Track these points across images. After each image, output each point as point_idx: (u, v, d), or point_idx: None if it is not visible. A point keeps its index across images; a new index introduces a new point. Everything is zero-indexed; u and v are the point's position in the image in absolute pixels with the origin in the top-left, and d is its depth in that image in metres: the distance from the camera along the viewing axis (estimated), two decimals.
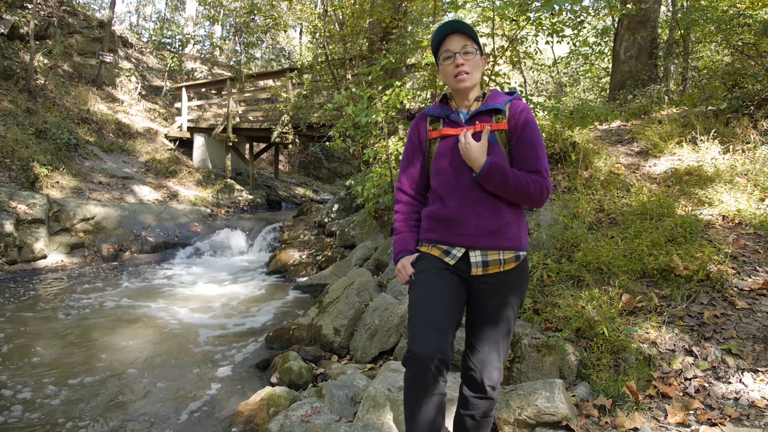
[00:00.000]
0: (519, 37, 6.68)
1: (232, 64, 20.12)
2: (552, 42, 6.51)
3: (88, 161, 10.57)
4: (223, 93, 14.50)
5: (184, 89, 13.77)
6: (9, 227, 6.96)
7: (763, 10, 7.14)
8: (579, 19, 7.04)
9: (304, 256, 7.52)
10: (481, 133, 1.73)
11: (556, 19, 5.50)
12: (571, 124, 4.86)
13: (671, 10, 10.87)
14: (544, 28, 5.52)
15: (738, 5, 7.05)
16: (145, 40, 19.88)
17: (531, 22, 5.24)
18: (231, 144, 12.64)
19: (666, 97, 7.71)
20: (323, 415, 2.64)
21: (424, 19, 8.75)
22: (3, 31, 11.84)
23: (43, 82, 11.80)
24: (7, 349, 4.24)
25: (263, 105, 14.19)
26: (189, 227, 9.28)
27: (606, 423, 2.32)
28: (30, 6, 12.26)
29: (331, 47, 9.15)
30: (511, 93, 1.83)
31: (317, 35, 9.85)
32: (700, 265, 3.11)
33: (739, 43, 6.49)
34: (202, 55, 20.63)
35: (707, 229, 3.69)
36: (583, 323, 2.85)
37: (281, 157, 16.84)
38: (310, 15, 9.99)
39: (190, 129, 13.55)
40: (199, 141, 13.34)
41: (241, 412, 3.00)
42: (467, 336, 1.84)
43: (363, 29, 8.66)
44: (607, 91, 10.28)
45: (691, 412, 2.31)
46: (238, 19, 18.92)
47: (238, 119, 12.91)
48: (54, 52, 12.60)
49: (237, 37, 21.44)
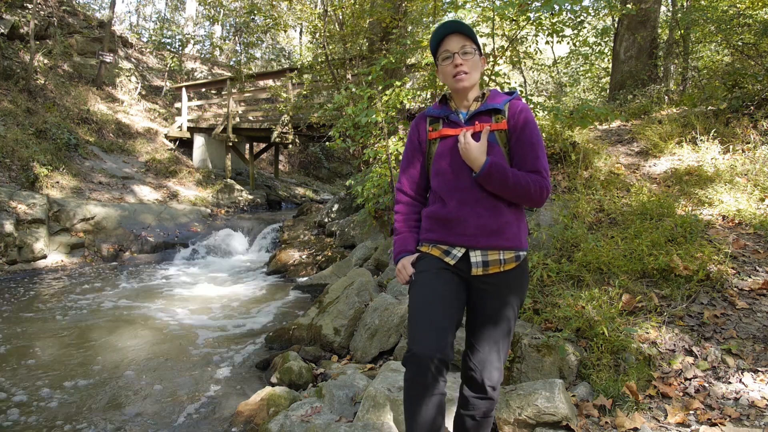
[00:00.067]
0: (519, 37, 6.68)
1: (232, 64, 20.13)
2: (552, 42, 6.51)
3: (88, 161, 10.58)
4: (223, 93, 14.50)
5: (184, 89, 13.77)
6: (9, 227, 6.96)
7: (763, 10, 7.13)
8: (579, 19, 7.04)
9: (304, 256, 7.52)
10: (480, 133, 1.73)
11: (556, 19, 5.51)
12: (571, 124, 4.86)
13: (671, 10, 10.87)
14: (544, 28, 5.52)
15: (738, 5, 7.04)
16: (145, 40, 19.89)
17: (531, 22, 5.24)
18: (231, 144, 12.64)
19: (666, 97, 7.71)
20: (323, 415, 2.64)
21: (424, 19, 8.74)
22: (3, 31, 11.85)
23: (43, 82, 11.80)
24: (6, 350, 4.23)
25: (263, 105, 14.19)
26: (189, 227, 9.28)
27: (606, 423, 2.32)
28: (30, 6, 12.26)
29: (331, 47, 9.15)
30: (511, 93, 1.83)
31: (317, 35, 9.85)
32: (700, 265, 3.11)
33: (739, 43, 6.49)
34: (202, 55, 20.63)
35: (707, 229, 3.69)
36: (583, 323, 2.86)
37: (281, 157, 16.84)
38: (310, 15, 10.00)
39: (190, 129, 13.56)
40: (199, 141, 13.34)
41: (241, 412, 3.00)
42: (467, 336, 1.84)
43: (363, 29, 8.66)
44: (607, 91, 10.28)
45: (691, 412, 2.31)
46: (238, 19, 18.93)
47: (238, 119, 12.91)
48: (54, 52, 12.61)
49: (237, 37, 21.44)
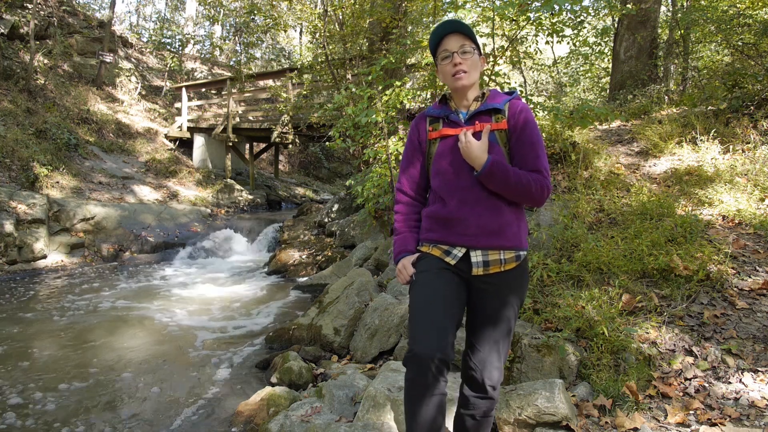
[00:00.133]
0: (519, 37, 6.68)
1: (232, 64, 20.13)
2: (552, 42, 6.51)
3: (88, 161, 10.58)
4: (223, 93, 14.50)
5: (184, 89, 13.77)
6: (9, 227, 6.96)
7: (763, 10, 7.13)
8: (579, 19, 7.05)
9: (304, 256, 7.52)
10: (480, 132, 1.73)
11: (556, 19, 5.50)
12: (571, 124, 4.86)
13: (671, 10, 10.87)
14: (544, 28, 5.52)
15: (738, 5, 7.04)
16: (145, 40, 19.89)
17: (531, 22, 5.24)
18: (231, 144, 12.64)
19: (666, 97, 7.71)
20: (323, 415, 2.64)
21: (424, 19, 8.74)
22: (3, 31, 11.85)
23: (43, 82, 11.80)
24: (3, 351, 4.21)
25: (263, 105, 14.19)
26: (189, 227, 9.28)
27: (606, 423, 2.32)
28: (30, 6, 12.26)
29: (331, 47, 9.15)
30: (511, 93, 1.83)
31: (317, 35, 9.85)
32: (700, 265, 3.11)
33: (739, 43, 6.49)
34: (202, 55, 20.63)
35: (707, 229, 3.69)
36: (583, 323, 2.85)
37: (281, 157, 16.84)
38: (310, 15, 10.00)
39: (190, 129, 13.56)
40: (199, 141, 13.34)
41: (241, 412, 3.00)
42: (468, 336, 1.84)
43: (363, 29, 8.66)
44: (607, 91, 10.28)
45: (691, 412, 2.31)
46: (238, 19, 18.93)
47: (238, 119, 12.91)
48: (54, 52, 12.61)
49: (237, 37, 21.45)
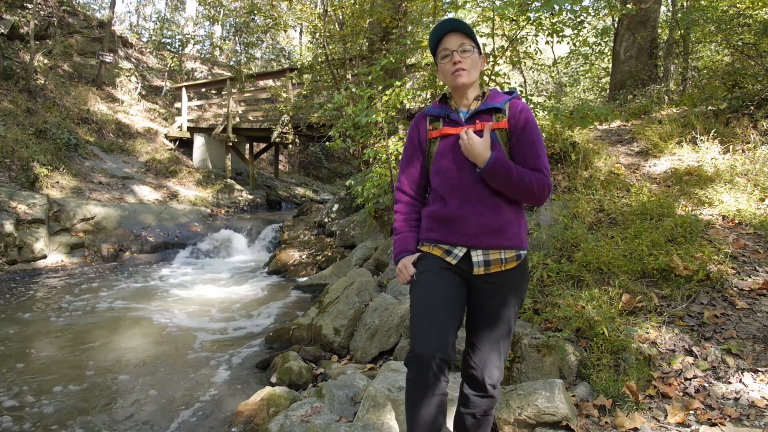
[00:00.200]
0: (519, 37, 6.68)
1: (232, 64, 20.13)
2: (552, 42, 6.51)
3: (88, 161, 10.58)
4: (223, 93, 14.50)
5: (184, 89, 13.77)
6: (9, 227, 6.96)
7: (763, 10, 7.13)
8: (579, 19, 7.05)
9: (304, 256, 7.52)
10: (481, 132, 1.73)
11: (556, 19, 5.50)
12: (571, 124, 4.86)
13: (671, 10, 10.87)
14: (544, 28, 5.51)
15: (738, 5, 7.04)
16: (145, 40, 19.88)
17: (531, 22, 5.24)
18: (231, 144, 12.64)
19: (666, 97, 7.71)
20: (323, 415, 2.64)
21: (424, 19, 8.74)
22: (3, 31, 11.85)
23: (43, 82, 11.80)
24: (1, 352, 4.18)
25: (263, 105, 14.18)
26: (189, 227, 9.28)
27: (606, 423, 2.32)
28: (30, 6, 12.26)
29: (331, 47, 9.14)
30: (511, 93, 1.84)
31: (317, 35, 9.85)
32: (700, 265, 3.11)
33: (739, 43, 6.48)
34: (202, 55, 20.63)
35: (707, 229, 3.69)
36: (583, 323, 2.85)
37: (281, 157, 16.84)
38: (310, 15, 9.99)
39: (190, 129, 13.55)
40: (199, 141, 13.34)
41: (241, 412, 3.00)
42: (468, 335, 1.84)
43: (363, 29, 8.66)
44: (607, 91, 10.28)
45: (691, 412, 2.31)
46: (238, 19, 18.93)
47: (238, 119, 12.91)
48: (54, 52, 12.61)
49: (237, 37, 21.44)
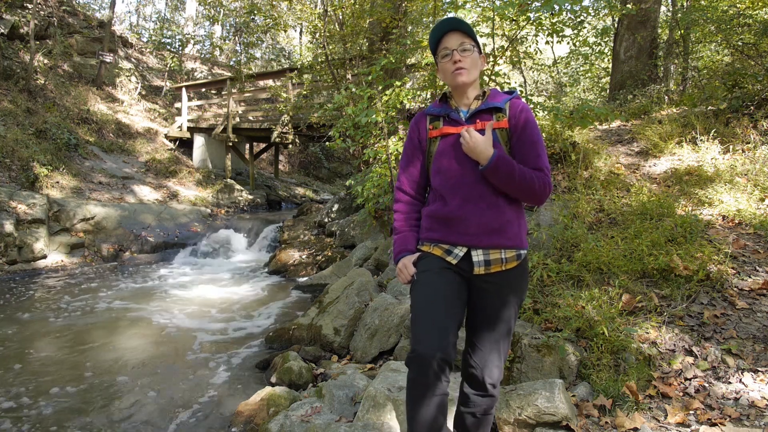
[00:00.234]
0: (519, 37, 6.68)
1: (232, 64, 20.12)
2: (552, 42, 6.51)
3: (88, 161, 10.57)
4: (223, 93, 14.50)
5: (184, 89, 13.77)
6: (9, 227, 6.96)
7: (763, 10, 7.13)
8: (579, 19, 7.04)
9: (304, 256, 7.52)
10: (482, 131, 1.73)
11: (556, 19, 5.50)
12: (571, 124, 4.86)
13: (671, 10, 10.87)
14: (544, 28, 5.51)
15: (738, 5, 7.04)
16: (145, 40, 19.88)
17: (531, 22, 5.24)
18: (231, 144, 12.64)
19: (666, 97, 7.71)
20: (323, 415, 2.64)
21: (424, 19, 8.74)
22: (3, 31, 11.84)
23: (43, 82, 11.80)
24: (1, 352, 4.17)
25: (263, 105, 14.18)
26: (189, 227, 9.28)
27: (606, 423, 2.32)
28: (30, 6, 12.26)
29: (331, 47, 9.14)
30: (511, 92, 1.84)
31: (317, 35, 9.84)
32: (700, 265, 3.11)
33: (739, 43, 6.48)
34: (202, 55, 20.63)
35: (707, 229, 3.69)
36: (583, 323, 2.85)
37: (281, 157, 16.84)
38: (310, 15, 9.99)
39: (190, 129, 13.55)
40: (199, 141, 13.34)
41: (241, 412, 3.00)
42: (468, 334, 1.85)
43: (363, 29, 8.66)
44: (607, 91, 10.28)
45: (691, 412, 2.31)
46: (238, 19, 18.92)
47: (238, 119, 12.91)
48: (54, 52, 12.60)
49: (237, 37, 21.44)
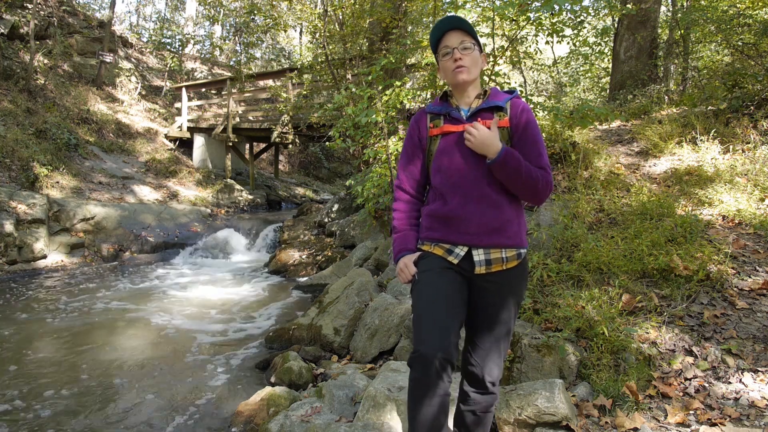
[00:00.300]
0: (519, 37, 6.68)
1: (232, 64, 20.12)
2: (552, 42, 6.51)
3: (88, 161, 10.57)
4: (223, 93, 14.50)
5: (184, 89, 13.77)
6: (9, 227, 6.96)
7: (763, 10, 7.13)
8: (579, 19, 7.04)
9: (304, 256, 7.52)
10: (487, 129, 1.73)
11: (556, 19, 5.50)
12: (571, 124, 4.86)
13: (671, 10, 10.87)
14: (544, 28, 5.51)
15: (738, 5, 7.04)
16: (145, 40, 19.88)
17: (531, 22, 5.23)
18: (231, 144, 12.64)
19: (666, 97, 7.71)
20: (323, 415, 2.64)
21: (424, 19, 8.74)
22: (3, 31, 11.84)
23: (43, 82, 11.80)
24: None
25: (263, 105, 14.18)
26: (189, 227, 9.28)
27: (606, 423, 2.32)
28: (30, 6, 12.26)
29: (331, 47, 9.14)
30: (511, 92, 1.84)
31: (317, 35, 9.84)
32: (700, 265, 3.11)
33: (739, 43, 6.48)
34: (202, 55, 20.62)
35: (707, 229, 3.69)
36: (583, 323, 2.85)
37: (281, 157, 16.83)
38: (310, 15, 9.99)
39: (190, 129, 13.55)
40: (199, 141, 13.34)
41: (241, 412, 3.00)
42: (468, 333, 1.85)
43: (363, 29, 8.65)
44: (607, 91, 10.28)
45: (691, 412, 2.31)
46: (238, 19, 18.92)
47: (238, 119, 12.91)
48: (54, 52, 12.60)
49: (237, 37, 21.44)
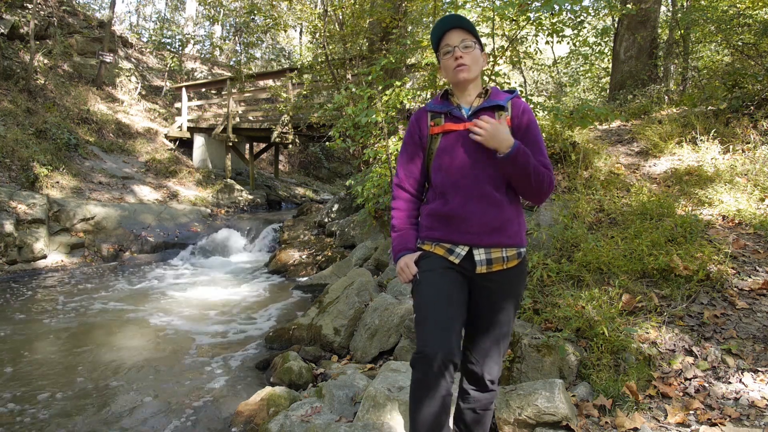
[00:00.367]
0: (519, 37, 6.67)
1: (232, 64, 20.12)
2: (552, 42, 6.51)
3: (88, 161, 10.57)
4: (223, 93, 14.50)
5: (184, 89, 13.77)
6: (9, 227, 6.96)
7: (763, 10, 7.13)
8: (579, 19, 7.04)
9: (304, 256, 7.52)
10: None
11: (556, 19, 5.50)
12: (571, 124, 4.85)
13: (671, 10, 10.87)
14: (544, 28, 5.51)
15: (738, 5, 7.04)
16: (145, 40, 19.88)
17: (531, 22, 5.23)
18: (231, 144, 12.63)
19: (666, 97, 7.71)
20: (323, 415, 2.64)
21: (424, 19, 8.74)
22: (3, 31, 11.84)
23: (43, 82, 11.80)
24: None
25: (263, 105, 14.18)
26: (189, 227, 9.27)
27: (606, 423, 2.32)
28: (30, 6, 12.25)
29: (331, 47, 9.14)
30: (511, 92, 1.84)
31: (317, 35, 9.84)
32: (700, 265, 3.11)
33: (739, 43, 6.48)
34: (202, 55, 20.62)
35: (707, 229, 3.69)
36: (583, 323, 2.85)
37: (281, 157, 16.83)
38: (310, 15, 9.99)
39: (190, 129, 13.55)
40: (199, 141, 13.33)
41: (241, 412, 3.00)
42: (468, 331, 1.86)
43: (363, 29, 8.65)
44: (607, 91, 10.28)
45: (691, 412, 2.31)
46: (238, 19, 18.92)
47: (238, 119, 12.90)
48: (54, 52, 12.60)
49: (237, 37, 21.44)
